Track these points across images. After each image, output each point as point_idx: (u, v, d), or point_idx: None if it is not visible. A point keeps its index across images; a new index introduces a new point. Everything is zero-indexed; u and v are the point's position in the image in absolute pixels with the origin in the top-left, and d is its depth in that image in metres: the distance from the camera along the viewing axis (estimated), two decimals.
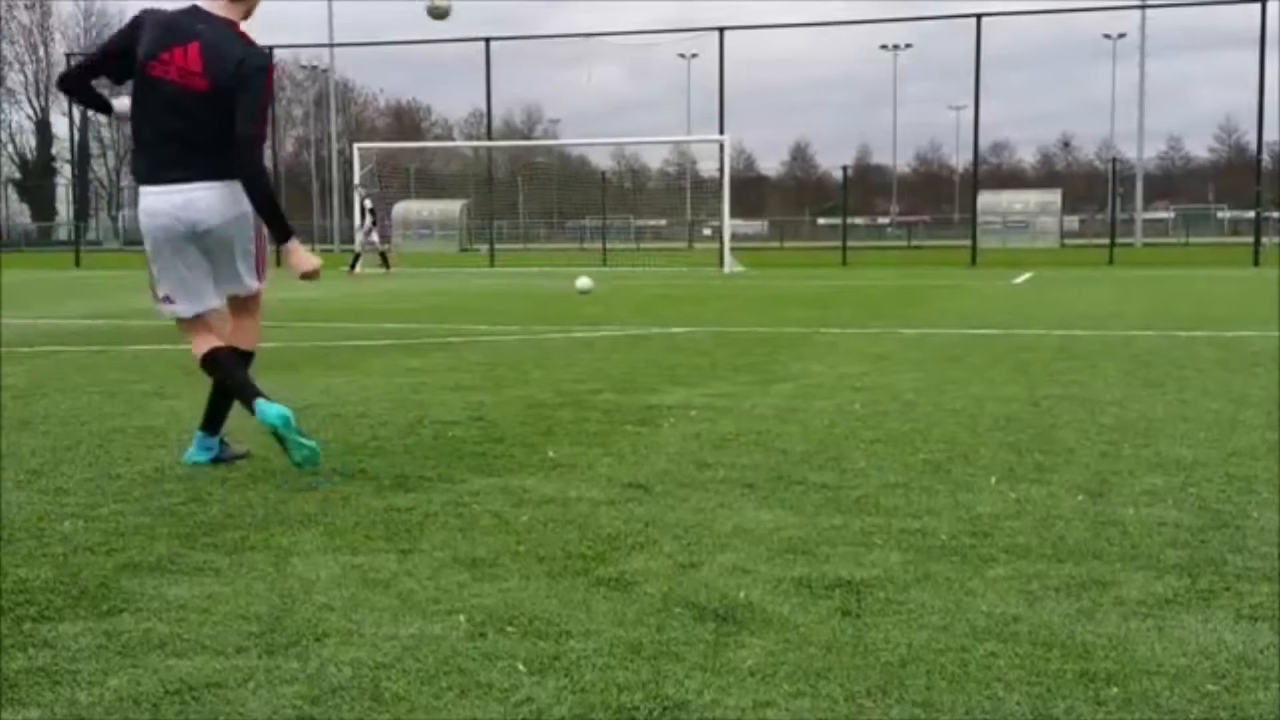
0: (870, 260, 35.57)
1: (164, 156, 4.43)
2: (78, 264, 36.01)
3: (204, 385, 4.84)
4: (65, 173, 79.34)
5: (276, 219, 4.51)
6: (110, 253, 60.19)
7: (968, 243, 34.13)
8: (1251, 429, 5.24)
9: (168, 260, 4.52)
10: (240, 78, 4.34)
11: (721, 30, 31.17)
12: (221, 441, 4.71)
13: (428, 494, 4.07)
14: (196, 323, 4.61)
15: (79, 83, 4.64)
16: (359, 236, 28.79)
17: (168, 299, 4.60)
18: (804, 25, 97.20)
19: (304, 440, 4.32)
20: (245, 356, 4.73)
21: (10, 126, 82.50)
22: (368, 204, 28.72)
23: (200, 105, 4.35)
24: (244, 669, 2.48)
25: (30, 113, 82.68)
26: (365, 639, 2.66)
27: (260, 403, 4.37)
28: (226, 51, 4.33)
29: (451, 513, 3.81)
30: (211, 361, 4.57)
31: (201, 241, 4.49)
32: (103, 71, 4.59)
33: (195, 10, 4.41)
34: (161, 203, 4.44)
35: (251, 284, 4.69)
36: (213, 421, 4.69)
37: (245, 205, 4.48)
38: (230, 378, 4.54)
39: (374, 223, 28.53)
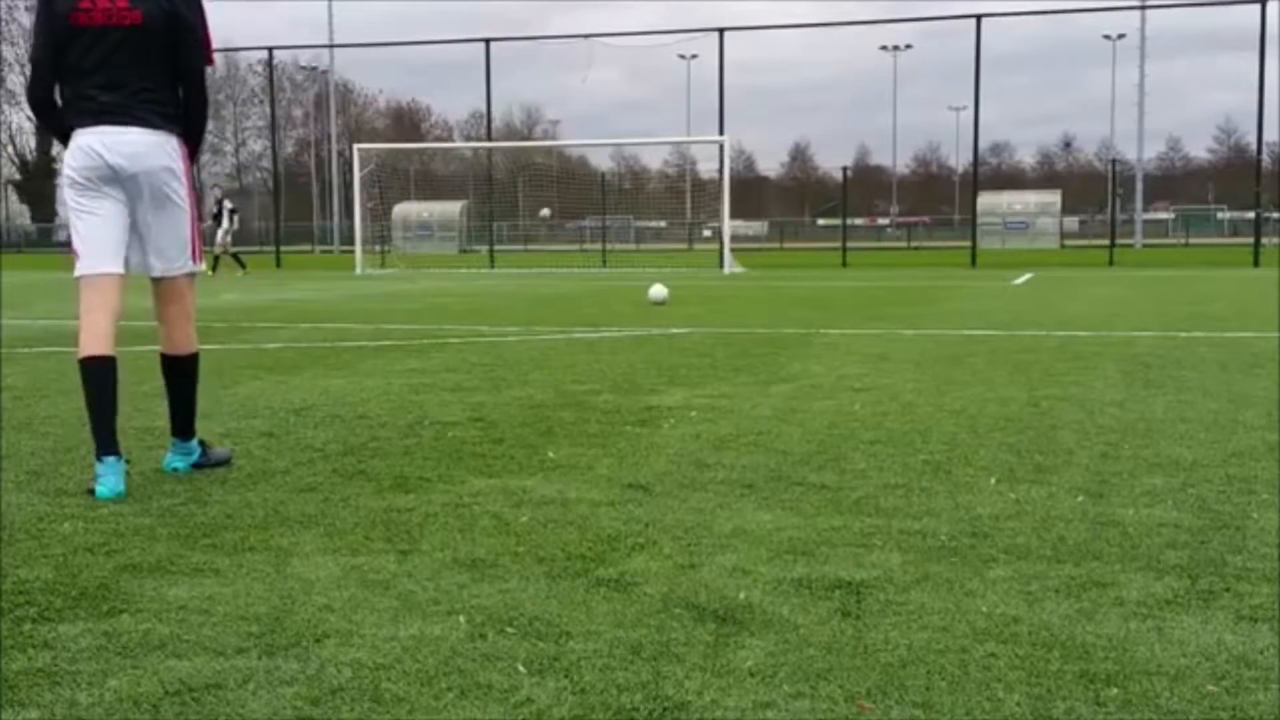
0: (870, 261, 35.59)
1: (97, 104, 4.18)
2: None
3: (201, 388, 4.85)
4: None
5: (199, 131, 4.44)
6: None
7: (967, 244, 34.15)
8: (1251, 430, 5.24)
9: (86, 207, 4.22)
10: (176, 9, 4.23)
11: (721, 31, 31.19)
12: (201, 444, 4.58)
13: (427, 495, 4.07)
14: (94, 290, 4.25)
15: (51, 94, 4.30)
16: (220, 238, 28.41)
17: (80, 253, 4.26)
18: (803, 26, 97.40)
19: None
20: (182, 361, 4.55)
21: (10, 127, 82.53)
22: (227, 205, 28.73)
23: (135, 42, 4.16)
24: (244, 670, 2.48)
25: (30, 114, 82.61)
26: (365, 640, 2.65)
27: (103, 466, 4.08)
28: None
29: (451, 514, 3.81)
30: (87, 370, 4.19)
31: (127, 190, 4.23)
32: (53, 65, 4.25)
33: None
34: (92, 140, 4.18)
35: (183, 261, 4.41)
36: (181, 425, 4.52)
37: (178, 162, 4.30)
38: (94, 401, 4.17)
39: (231, 225, 28.53)
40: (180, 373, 4.55)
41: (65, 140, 4.29)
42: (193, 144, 4.40)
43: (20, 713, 2.29)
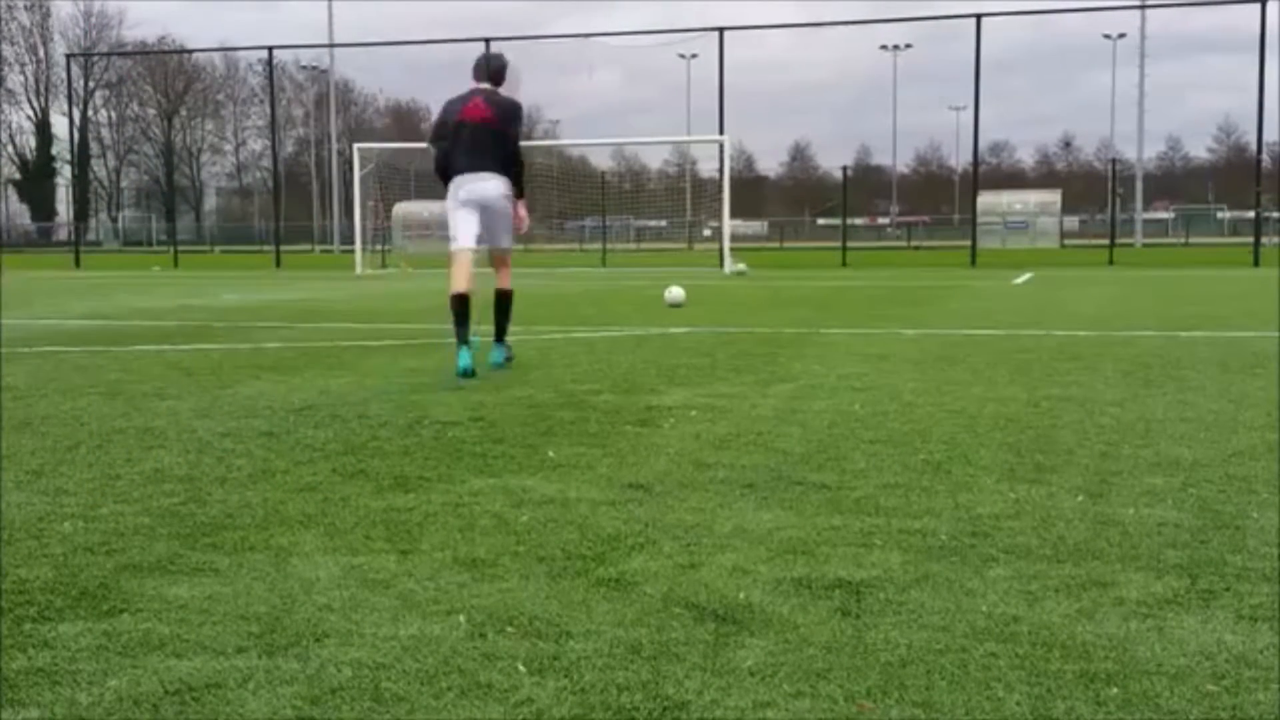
0: (870, 261, 35.58)
1: (470, 162, 7.59)
2: (78, 264, 36.03)
3: (201, 387, 4.87)
4: (65, 173, 79.40)
5: (519, 187, 7.79)
6: (110, 253, 60.15)
7: (967, 243, 34.14)
8: (1251, 429, 5.24)
9: (460, 216, 7.65)
10: (509, 113, 7.73)
11: (721, 30, 31.18)
12: (508, 348, 7.83)
13: (428, 494, 4.07)
14: (459, 254, 7.68)
15: (446, 159, 7.71)
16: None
17: (454, 238, 7.69)
18: (803, 25, 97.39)
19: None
20: (504, 294, 7.94)
21: (10, 127, 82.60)
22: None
23: (488, 130, 7.61)
24: (244, 669, 2.48)
25: (30, 113, 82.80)
26: (365, 639, 2.66)
27: (460, 352, 7.27)
28: (499, 99, 7.73)
29: (451, 513, 3.81)
30: (456, 302, 7.52)
31: (481, 208, 7.65)
32: (443, 136, 7.72)
33: (473, 89, 7.77)
34: (468, 182, 7.61)
35: (506, 243, 7.89)
36: (499, 332, 7.88)
37: (509, 192, 7.69)
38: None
39: None
40: (500, 300, 7.95)
41: (446, 180, 7.70)
42: (516, 183, 7.76)
43: (20, 712, 2.29)
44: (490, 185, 7.58)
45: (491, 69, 7.84)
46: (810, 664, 2.49)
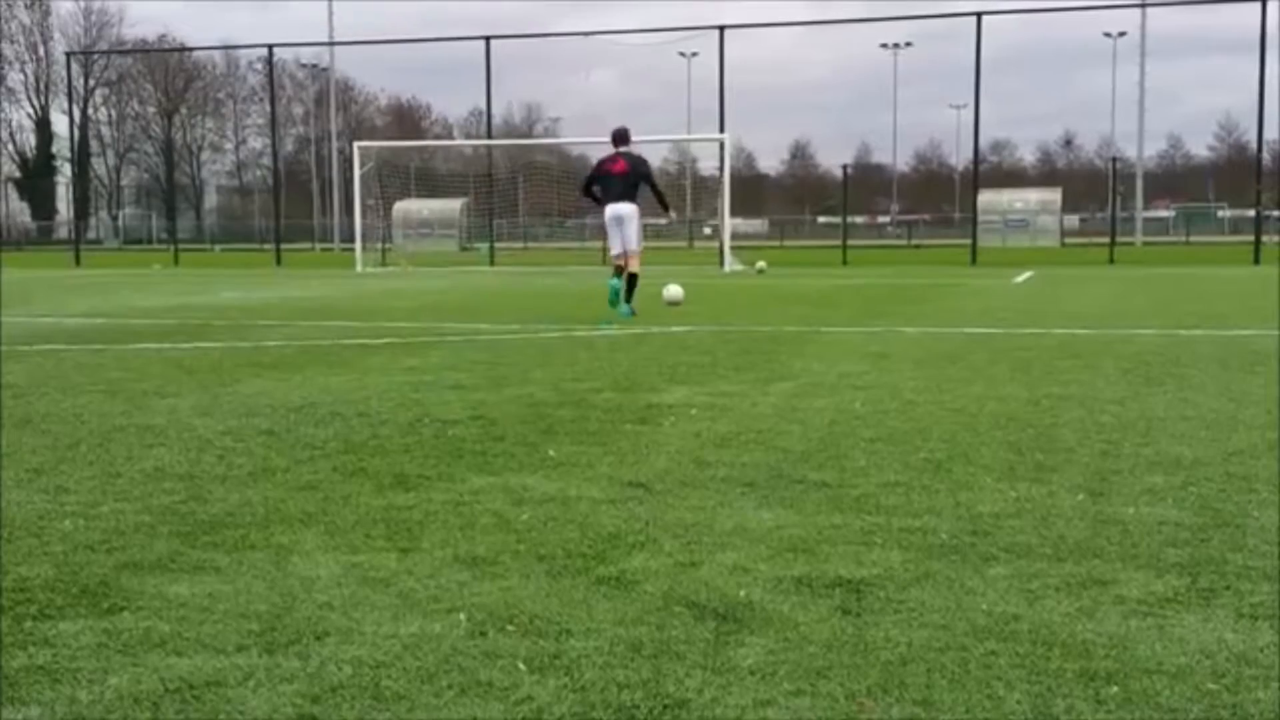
0: (870, 259, 35.55)
1: (612, 196, 12.43)
2: (78, 262, 36.02)
3: (202, 385, 4.86)
4: (65, 171, 79.38)
5: (664, 203, 13.56)
6: (110, 251, 60.15)
7: (968, 241, 34.10)
8: (1252, 428, 5.24)
9: (611, 231, 12.61)
10: (637, 164, 12.70)
11: (721, 29, 31.17)
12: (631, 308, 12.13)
13: (428, 493, 4.08)
14: (614, 257, 12.67)
15: (588, 189, 12.99)
16: None
17: (610, 247, 12.86)
18: (803, 24, 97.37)
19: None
20: (632, 276, 12.37)
21: (10, 125, 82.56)
22: None
23: (623, 176, 12.49)
24: (244, 667, 2.48)
25: (30, 111, 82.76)
26: (365, 637, 2.66)
27: (622, 306, 12.22)
28: (631, 157, 12.65)
29: (452, 511, 3.81)
30: (628, 276, 12.35)
31: (619, 224, 12.41)
32: (593, 182, 12.90)
33: (616, 151, 12.65)
34: (613, 208, 12.41)
35: (633, 247, 12.44)
36: (628, 296, 12.21)
37: (636, 214, 12.55)
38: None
39: None
40: (629, 279, 12.32)
41: (586, 194, 13.26)
42: (660, 198, 13.38)
43: (21, 710, 2.29)
44: (623, 208, 12.45)
45: (621, 134, 12.85)
46: (810, 662, 2.49)
